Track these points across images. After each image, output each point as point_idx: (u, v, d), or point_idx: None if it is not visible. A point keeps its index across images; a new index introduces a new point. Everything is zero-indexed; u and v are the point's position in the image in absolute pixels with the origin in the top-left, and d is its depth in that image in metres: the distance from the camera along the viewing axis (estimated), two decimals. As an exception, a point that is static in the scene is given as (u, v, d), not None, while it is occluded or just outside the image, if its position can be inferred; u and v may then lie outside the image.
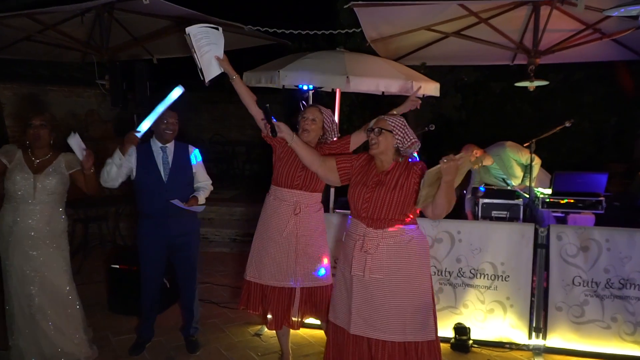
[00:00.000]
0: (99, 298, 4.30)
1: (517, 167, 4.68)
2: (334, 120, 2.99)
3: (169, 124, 3.21)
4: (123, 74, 4.42)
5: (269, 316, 3.02)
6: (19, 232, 2.91)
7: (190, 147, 3.38)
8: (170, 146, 3.27)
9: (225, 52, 2.92)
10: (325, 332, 2.81)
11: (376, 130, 2.44)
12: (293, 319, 3.01)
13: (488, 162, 4.72)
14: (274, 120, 2.58)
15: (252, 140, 9.91)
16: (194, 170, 3.34)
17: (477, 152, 4.66)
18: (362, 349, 2.44)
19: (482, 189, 4.50)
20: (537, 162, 4.55)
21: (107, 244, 5.70)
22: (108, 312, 4.08)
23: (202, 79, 2.78)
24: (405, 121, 2.49)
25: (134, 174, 3.19)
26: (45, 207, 2.96)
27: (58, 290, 3.01)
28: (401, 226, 2.41)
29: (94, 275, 4.93)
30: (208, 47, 2.75)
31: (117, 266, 4.06)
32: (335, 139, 3.01)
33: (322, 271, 2.96)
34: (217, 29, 2.77)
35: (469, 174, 5.03)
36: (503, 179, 4.76)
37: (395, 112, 3.09)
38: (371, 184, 2.46)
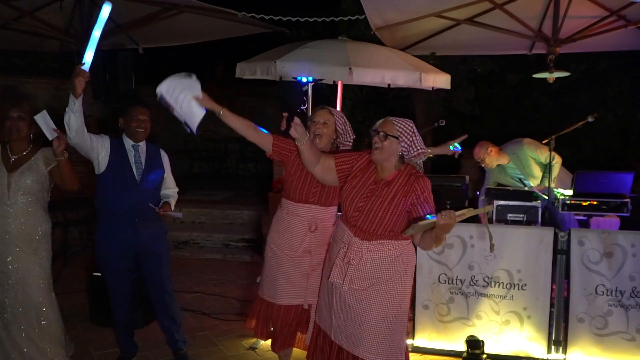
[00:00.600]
0: (79, 309, 4.32)
1: (536, 167, 4.69)
2: (346, 122, 2.97)
3: (141, 122, 3.17)
4: (105, 64, 4.43)
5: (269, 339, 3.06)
6: None
7: (162, 151, 3.39)
8: (143, 146, 3.26)
9: (219, 40, 2.94)
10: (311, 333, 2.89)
11: (381, 134, 2.41)
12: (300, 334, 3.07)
13: (504, 160, 4.74)
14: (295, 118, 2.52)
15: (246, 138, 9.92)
16: (165, 175, 3.35)
17: (492, 150, 4.67)
18: (341, 356, 2.53)
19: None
20: (557, 160, 4.55)
21: (88, 250, 5.71)
22: (89, 324, 4.09)
23: (188, 131, 2.77)
24: (414, 127, 2.45)
25: (104, 166, 3.12)
26: (21, 209, 2.95)
27: (32, 300, 2.99)
28: (390, 240, 2.43)
29: (75, 284, 4.94)
30: (183, 94, 2.73)
31: (100, 274, 4.06)
32: (350, 142, 2.99)
33: None
34: (189, 75, 2.79)
35: (483, 172, 5.05)
36: (520, 179, 4.77)
37: (429, 151, 3.10)
38: (367, 192, 2.46)
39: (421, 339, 3.63)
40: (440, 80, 4.57)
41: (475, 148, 4.76)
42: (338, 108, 4.94)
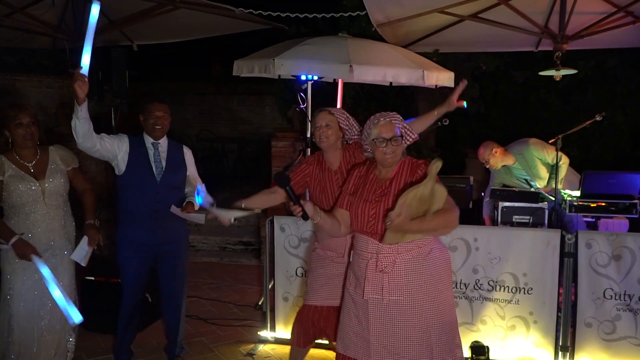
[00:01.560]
0: (72, 314, 4.33)
1: (542, 167, 4.71)
2: (349, 117, 3.00)
3: (158, 118, 3.21)
4: (98, 61, 4.44)
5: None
6: (36, 247, 2.90)
7: (185, 148, 3.42)
8: (163, 143, 3.29)
9: (215, 37, 2.99)
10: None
11: (393, 140, 2.40)
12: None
13: (509, 161, 4.75)
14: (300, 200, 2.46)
15: (244, 137, 9.95)
16: (187, 173, 3.37)
17: (497, 151, 4.69)
18: None
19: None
20: (564, 161, 4.57)
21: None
22: (81, 330, 4.09)
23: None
24: (399, 115, 2.50)
25: (123, 167, 3.16)
26: (59, 210, 3.01)
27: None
28: (417, 235, 2.39)
29: (67, 289, 4.95)
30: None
31: (92, 278, 4.09)
32: (358, 135, 3.00)
33: None
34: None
35: (487, 173, 5.06)
36: (526, 180, 4.79)
37: (436, 113, 3.16)
38: (373, 198, 2.44)
39: (424, 345, 3.64)
40: (444, 77, 4.57)
41: (479, 149, 4.77)
42: (338, 106, 4.95)
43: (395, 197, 2.34)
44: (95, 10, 2.76)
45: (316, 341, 3.14)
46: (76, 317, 2.79)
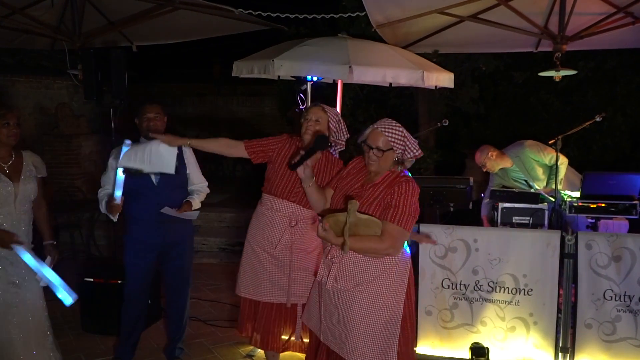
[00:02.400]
0: (70, 315, 4.32)
1: (539, 169, 4.71)
2: (340, 120, 3.02)
3: (150, 120, 3.21)
4: (98, 62, 4.44)
5: (256, 334, 3.09)
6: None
7: (184, 146, 3.40)
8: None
9: (215, 38, 3.02)
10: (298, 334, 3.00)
11: (375, 150, 2.42)
12: (284, 337, 3.11)
13: (507, 164, 4.74)
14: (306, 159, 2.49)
15: (244, 138, 9.94)
16: (187, 171, 3.36)
17: (493, 154, 4.68)
18: (331, 358, 2.56)
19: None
20: (562, 161, 4.56)
21: (80, 254, 5.72)
22: (81, 332, 4.10)
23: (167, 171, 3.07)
24: (404, 131, 2.47)
25: (122, 177, 3.17)
26: (26, 216, 2.97)
27: (37, 308, 3.00)
28: None
29: (66, 290, 4.94)
30: (147, 150, 3.02)
31: (92, 280, 4.08)
32: (343, 141, 3.06)
33: None
34: (137, 142, 3.05)
35: (487, 174, 5.06)
36: (525, 182, 4.79)
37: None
38: (353, 193, 2.52)
39: (424, 346, 3.64)
40: (444, 78, 4.58)
41: (476, 153, 4.78)
42: (338, 108, 4.95)
43: (365, 203, 2.42)
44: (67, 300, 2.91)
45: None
46: (68, 298, 2.82)
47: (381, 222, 2.34)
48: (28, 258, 2.81)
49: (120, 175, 3.05)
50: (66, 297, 2.86)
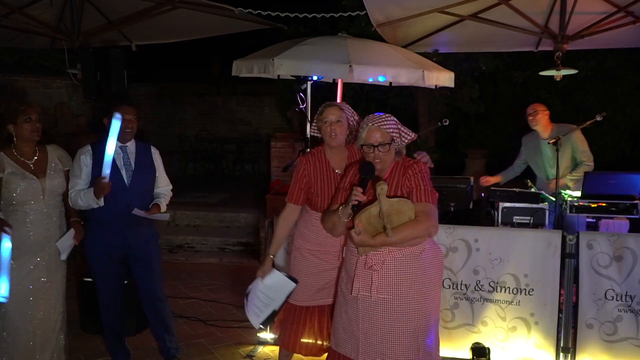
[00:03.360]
0: (69, 316, 4.29)
1: (567, 158, 4.66)
2: (354, 112, 2.99)
3: (127, 122, 3.13)
4: (97, 62, 4.43)
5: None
6: (33, 246, 2.93)
7: (153, 148, 3.38)
8: (131, 146, 3.24)
9: (215, 37, 2.99)
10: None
11: (380, 147, 2.39)
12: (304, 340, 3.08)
13: (546, 130, 4.64)
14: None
15: (243, 137, 9.93)
16: (157, 174, 3.34)
17: (545, 112, 4.60)
18: None
19: None
20: (590, 163, 4.61)
21: (79, 254, 5.70)
22: (80, 332, 4.09)
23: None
24: (393, 117, 2.49)
25: (88, 179, 3.12)
26: (56, 210, 3.04)
27: (56, 308, 3.08)
28: None
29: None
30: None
31: (91, 280, 4.05)
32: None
33: None
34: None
35: (488, 173, 5.05)
36: (545, 169, 4.77)
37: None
38: (366, 198, 2.42)
39: (424, 346, 3.63)
40: (444, 78, 4.57)
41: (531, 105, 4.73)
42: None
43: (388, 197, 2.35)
44: (116, 125, 2.97)
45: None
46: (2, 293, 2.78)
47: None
48: (4, 248, 2.77)
49: (109, 154, 2.96)
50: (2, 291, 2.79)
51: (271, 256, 2.98)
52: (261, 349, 3.82)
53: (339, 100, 4.99)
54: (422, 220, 2.30)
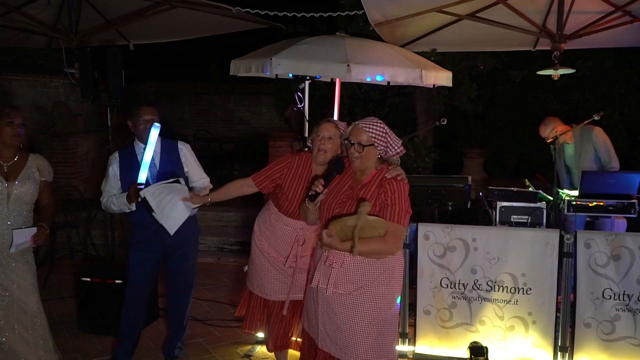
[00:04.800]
0: (67, 316, 4.31)
1: (589, 157, 4.64)
2: None
3: (148, 122, 3.16)
4: (94, 61, 4.41)
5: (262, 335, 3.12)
6: None
7: (180, 144, 3.38)
8: (156, 145, 3.24)
9: (212, 37, 3.01)
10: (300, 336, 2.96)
11: (357, 145, 2.45)
12: (293, 338, 3.16)
13: (567, 139, 4.60)
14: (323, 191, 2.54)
15: (242, 137, 9.92)
16: (185, 169, 3.33)
17: (557, 128, 4.54)
18: None
19: None
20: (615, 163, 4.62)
21: (77, 254, 5.69)
22: (77, 332, 4.08)
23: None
24: (386, 127, 2.51)
25: (118, 185, 3.21)
26: (20, 219, 2.93)
27: (27, 311, 2.97)
28: None
29: (62, 290, 4.93)
30: (169, 197, 3.02)
31: (89, 279, 4.06)
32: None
33: None
34: (177, 181, 3.07)
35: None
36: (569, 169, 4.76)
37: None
38: (342, 198, 2.52)
39: (422, 346, 3.63)
40: (442, 77, 4.57)
41: (540, 126, 4.67)
42: (336, 106, 4.94)
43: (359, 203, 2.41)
44: (155, 133, 3.11)
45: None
46: None
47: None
48: None
49: (145, 162, 3.10)
50: None
51: (209, 199, 3.07)
52: (259, 349, 3.82)
53: (336, 99, 4.99)
54: (387, 240, 2.36)
